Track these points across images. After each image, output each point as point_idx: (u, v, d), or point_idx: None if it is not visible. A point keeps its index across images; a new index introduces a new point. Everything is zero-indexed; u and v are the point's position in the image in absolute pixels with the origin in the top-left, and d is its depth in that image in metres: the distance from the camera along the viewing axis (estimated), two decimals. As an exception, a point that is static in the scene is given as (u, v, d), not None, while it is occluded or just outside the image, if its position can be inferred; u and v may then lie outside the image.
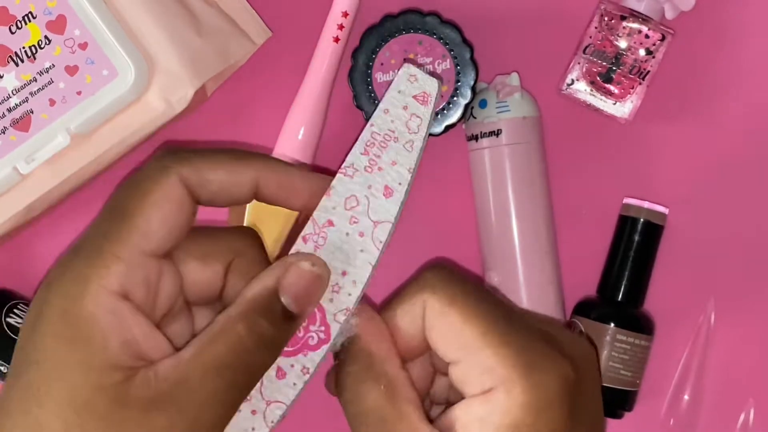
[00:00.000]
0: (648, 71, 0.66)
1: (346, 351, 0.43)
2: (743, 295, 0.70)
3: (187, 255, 0.44)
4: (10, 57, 0.63)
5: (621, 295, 0.68)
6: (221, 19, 0.67)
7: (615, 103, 0.67)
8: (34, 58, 0.63)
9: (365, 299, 0.44)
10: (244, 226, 0.47)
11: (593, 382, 0.44)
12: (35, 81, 0.63)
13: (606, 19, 0.66)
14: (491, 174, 0.67)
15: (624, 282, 0.68)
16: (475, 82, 0.66)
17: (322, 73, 0.67)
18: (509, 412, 0.40)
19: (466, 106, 0.67)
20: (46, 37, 0.63)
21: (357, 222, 0.44)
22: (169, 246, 0.42)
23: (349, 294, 0.43)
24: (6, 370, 0.65)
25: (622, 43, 0.66)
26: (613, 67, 0.67)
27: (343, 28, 0.67)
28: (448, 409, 0.42)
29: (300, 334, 0.43)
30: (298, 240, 0.44)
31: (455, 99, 0.66)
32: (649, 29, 0.66)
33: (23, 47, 0.63)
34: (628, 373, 0.66)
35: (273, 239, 0.63)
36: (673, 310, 0.70)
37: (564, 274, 0.69)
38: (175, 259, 0.43)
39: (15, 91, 0.63)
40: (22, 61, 0.63)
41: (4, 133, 0.64)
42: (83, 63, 0.63)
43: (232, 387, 0.40)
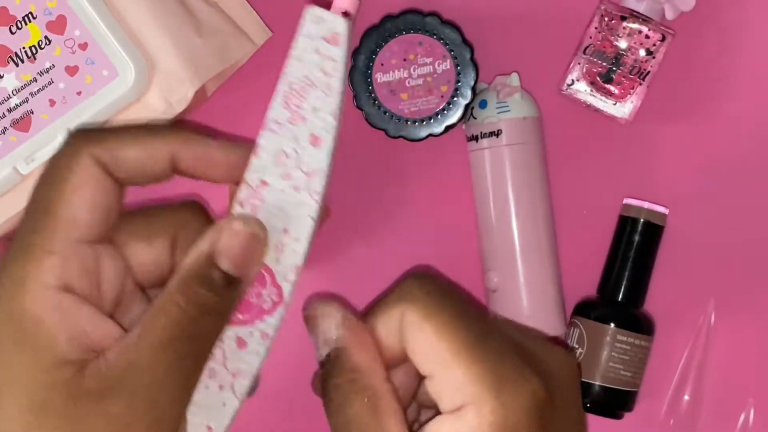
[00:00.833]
0: (648, 72, 0.66)
1: (332, 362, 0.43)
2: (743, 295, 0.70)
3: (129, 237, 0.43)
4: (10, 57, 0.63)
5: (621, 296, 0.68)
6: (221, 19, 0.67)
7: (615, 104, 0.67)
8: (35, 59, 0.63)
9: (351, 308, 0.44)
10: (187, 201, 0.45)
11: (570, 396, 0.43)
12: (35, 81, 0.63)
13: (606, 19, 0.66)
14: (491, 174, 0.67)
15: (624, 282, 0.68)
16: (476, 82, 0.66)
17: (322, 73, 0.67)
18: (479, 430, 0.40)
19: (467, 106, 0.67)
20: (46, 37, 0.63)
21: (290, 177, 0.42)
22: (101, 230, 0.41)
23: (294, 251, 0.42)
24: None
25: (623, 44, 0.66)
26: (614, 68, 0.67)
27: (343, 28, 0.67)
28: (422, 426, 0.42)
29: (253, 300, 0.42)
30: (235, 205, 0.43)
31: (455, 99, 0.66)
32: (649, 30, 0.66)
33: (23, 47, 0.63)
34: (628, 373, 0.66)
35: None
36: (674, 311, 0.70)
37: (564, 274, 0.69)
38: (117, 242, 0.42)
39: (15, 92, 0.63)
40: (23, 61, 0.63)
41: (4, 133, 0.64)
42: (83, 63, 0.63)
43: (182, 361, 0.39)
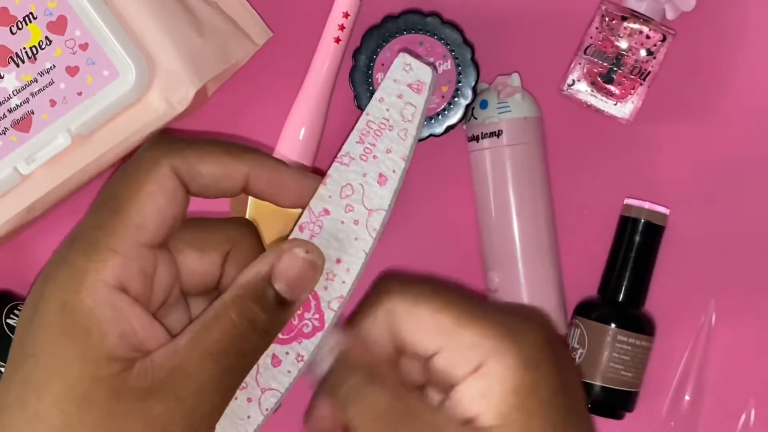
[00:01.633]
0: (649, 72, 0.66)
1: (338, 369, 0.43)
2: (744, 295, 0.70)
3: (184, 245, 0.44)
4: (11, 58, 0.63)
5: (622, 296, 0.68)
6: (222, 19, 0.67)
7: (616, 104, 0.67)
8: (35, 59, 0.63)
9: (339, 318, 0.44)
10: (241, 218, 0.47)
11: (560, 339, 0.46)
12: (36, 81, 0.63)
13: (607, 19, 0.66)
14: (492, 175, 0.67)
15: (625, 282, 0.68)
16: (476, 82, 0.66)
17: (322, 73, 0.67)
18: (507, 378, 0.42)
19: (467, 106, 0.67)
20: (46, 37, 0.63)
21: (352, 210, 0.44)
22: (164, 236, 0.42)
23: (343, 281, 0.43)
24: (7, 371, 0.65)
25: (623, 44, 0.66)
26: (614, 68, 0.67)
27: (344, 28, 0.67)
28: (447, 397, 0.43)
29: (295, 322, 0.43)
30: (295, 228, 0.44)
31: (456, 100, 0.66)
32: (649, 30, 0.66)
33: (24, 48, 0.63)
34: (628, 373, 0.66)
35: (274, 236, 0.63)
36: (674, 311, 0.70)
37: (565, 274, 0.69)
38: (172, 248, 0.43)
39: (16, 92, 0.63)
40: (23, 61, 0.63)
41: (4, 133, 0.64)
42: (84, 63, 0.63)
43: (227, 373, 0.40)
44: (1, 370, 0.66)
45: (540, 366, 0.42)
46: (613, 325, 0.66)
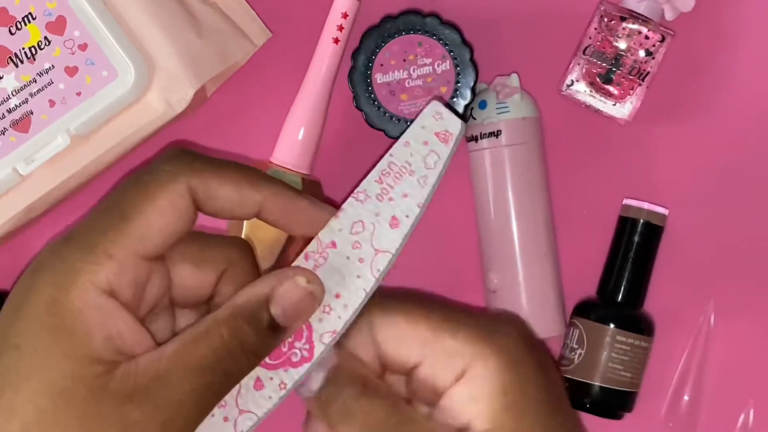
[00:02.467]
0: (648, 72, 0.66)
1: (333, 381, 0.43)
2: (743, 296, 0.70)
3: (181, 257, 0.44)
4: (10, 58, 0.63)
5: (621, 296, 0.68)
6: (221, 20, 0.67)
7: (615, 104, 0.67)
8: (34, 59, 0.63)
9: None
10: (240, 238, 0.47)
11: (538, 340, 0.46)
12: (35, 82, 0.63)
13: (606, 20, 0.66)
14: (491, 175, 0.67)
15: (624, 283, 0.68)
16: (475, 83, 0.66)
17: (321, 74, 0.67)
18: (494, 380, 0.42)
19: (466, 107, 0.67)
20: (45, 38, 0.63)
21: (359, 247, 0.44)
22: (164, 251, 0.42)
23: (339, 317, 0.43)
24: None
25: (622, 44, 0.66)
26: (613, 68, 0.67)
27: (342, 29, 0.67)
28: (435, 407, 0.43)
29: (284, 349, 0.43)
30: (300, 256, 0.44)
31: (455, 100, 0.66)
32: (648, 30, 0.66)
33: (23, 48, 0.63)
34: (627, 374, 0.66)
35: (265, 253, 0.63)
36: (673, 312, 0.70)
37: (564, 275, 0.69)
38: (168, 259, 0.43)
39: (15, 92, 0.63)
40: (22, 62, 0.63)
41: (3, 134, 0.64)
42: (83, 64, 0.63)
43: (208, 388, 0.40)
44: None
45: (523, 365, 0.43)
46: (612, 325, 0.66)
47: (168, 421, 0.39)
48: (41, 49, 0.63)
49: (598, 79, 0.67)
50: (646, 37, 0.66)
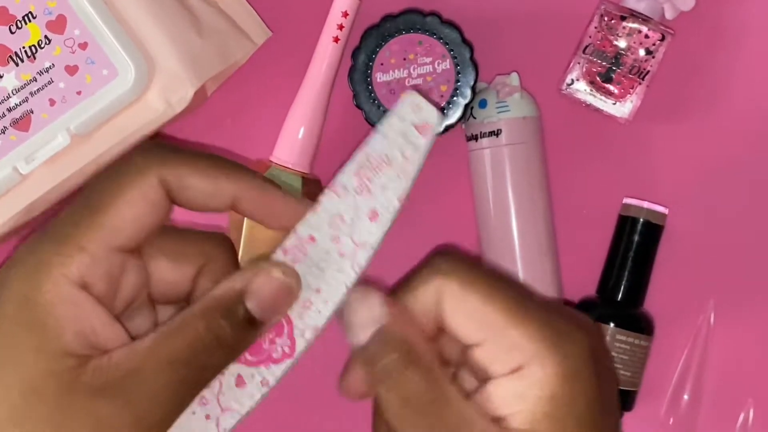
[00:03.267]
0: (648, 71, 0.67)
1: (380, 341, 0.42)
2: (743, 295, 0.70)
3: (159, 252, 0.44)
4: (10, 57, 0.63)
5: (621, 295, 0.68)
6: (221, 19, 0.67)
7: (615, 103, 0.67)
8: (34, 58, 0.63)
9: (379, 286, 0.44)
10: (220, 233, 0.47)
11: (605, 350, 0.45)
12: (35, 81, 0.63)
13: (606, 19, 0.66)
14: (491, 174, 0.67)
15: (624, 282, 0.68)
16: (475, 82, 0.66)
17: (322, 73, 0.67)
18: (546, 385, 0.41)
19: (466, 106, 0.67)
20: (46, 36, 0.63)
21: (339, 242, 0.43)
22: (138, 243, 0.42)
23: (320, 312, 0.43)
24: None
25: (622, 43, 0.66)
26: (613, 67, 0.67)
27: (343, 28, 0.67)
28: (480, 388, 0.42)
29: (265, 346, 0.42)
30: (278, 250, 0.43)
31: (455, 99, 0.66)
32: (648, 29, 0.66)
33: (23, 47, 0.63)
34: (627, 373, 0.66)
35: (264, 247, 0.63)
36: (673, 311, 0.70)
37: (564, 274, 0.69)
38: (146, 255, 0.43)
39: (15, 91, 0.63)
40: (22, 60, 0.63)
41: (4, 132, 0.64)
42: (83, 63, 0.63)
43: (184, 383, 0.40)
44: None
45: (581, 379, 0.41)
46: (611, 324, 0.66)
47: (141, 416, 0.39)
48: (41, 47, 0.63)
49: (598, 78, 0.67)
50: (647, 36, 0.66)
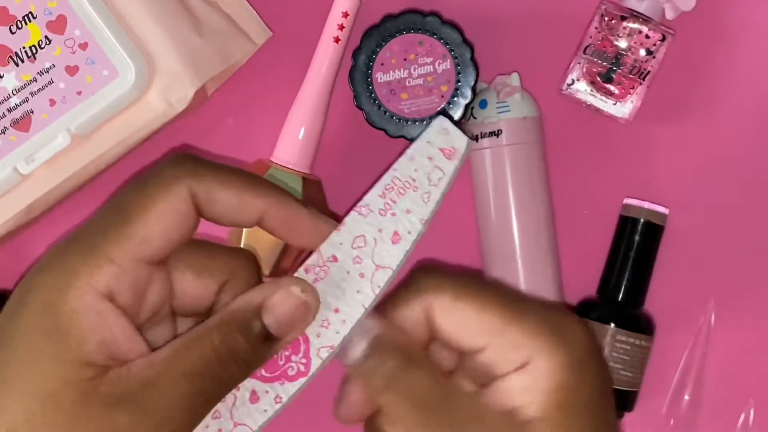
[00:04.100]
0: (648, 71, 0.67)
1: (377, 351, 0.42)
2: (743, 295, 0.70)
3: (184, 265, 0.44)
4: (11, 57, 0.63)
5: (621, 296, 0.68)
6: (221, 19, 0.67)
7: (615, 104, 0.67)
8: (35, 58, 0.63)
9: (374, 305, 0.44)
10: (244, 250, 0.47)
11: (598, 344, 0.46)
12: (35, 81, 0.63)
13: (606, 19, 0.66)
14: (491, 174, 0.67)
15: (624, 282, 0.68)
16: (476, 82, 0.66)
17: (322, 73, 0.67)
18: (554, 375, 0.41)
19: (467, 106, 0.67)
20: (46, 37, 0.63)
21: (360, 262, 0.43)
22: (165, 255, 0.42)
23: (337, 332, 0.43)
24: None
25: (623, 44, 0.66)
26: (614, 68, 0.67)
27: (343, 28, 0.67)
28: (486, 386, 0.43)
29: (281, 362, 0.42)
30: (300, 269, 0.44)
31: (455, 99, 0.66)
32: (649, 29, 0.66)
33: (23, 47, 0.63)
34: (628, 373, 0.66)
35: (264, 260, 0.63)
36: (674, 311, 0.70)
37: (564, 274, 0.69)
38: (171, 267, 0.43)
39: (15, 91, 0.63)
40: (23, 61, 0.63)
41: (4, 133, 0.64)
42: (83, 63, 0.63)
43: (199, 396, 0.40)
44: None
45: (584, 366, 0.42)
46: (612, 324, 0.66)
47: (156, 427, 0.39)
48: (42, 48, 0.63)
49: (598, 79, 0.67)
50: (647, 37, 0.66)
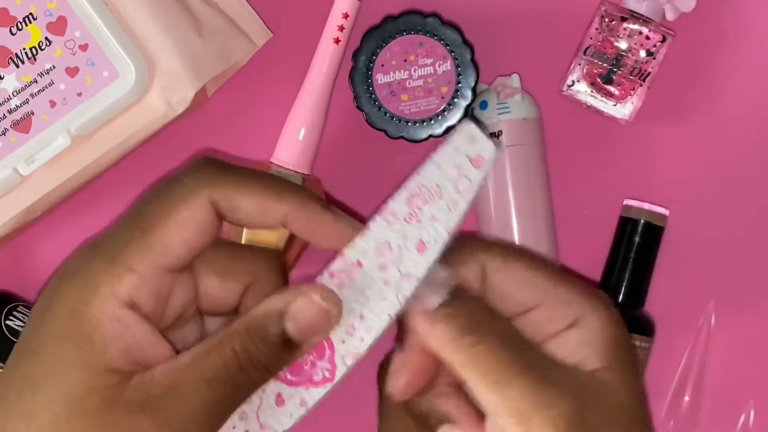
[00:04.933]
0: (648, 72, 0.67)
1: (460, 296, 0.43)
2: (743, 296, 0.70)
3: (208, 268, 0.44)
4: (11, 58, 0.63)
5: (621, 297, 0.68)
6: (222, 20, 0.67)
7: (615, 105, 0.67)
8: (35, 60, 0.63)
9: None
10: (270, 251, 0.47)
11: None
12: (36, 82, 0.63)
13: (606, 20, 0.66)
14: (492, 175, 0.67)
15: (624, 283, 0.68)
16: (476, 83, 0.66)
17: (322, 74, 0.67)
18: (605, 330, 0.43)
19: (467, 107, 0.67)
20: (46, 38, 0.63)
21: (385, 270, 0.43)
22: (186, 263, 0.42)
23: (362, 339, 0.42)
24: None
25: (623, 45, 0.66)
26: (614, 69, 0.67)
27: (343, 29, 0.67)
28: (542, 344, 0.44)
29: (306, 367, 0.42)
30: (325, 273, 0.43)
31: (456, 100, 0.66)
32: (649, 30, 0.66)
33: (24, 49, 0.63)
34: (628, 374, 0.66)
35: (268, 246, 0.63)
36: (674, 312, 0.70)
37: (564, 275, 0.69)
38: (194, 269, 0.43)
39: (15, 93, 0.63)
40: (23, 62, 0.63)
41: (4, 134, 0.64)
42: (84, 64, 0.63)
43: (220, 401, 0.40)
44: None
45: (622, 326, 0.44)
46: (612, 325, 0.66)
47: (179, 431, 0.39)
48: (42, 49, 0.63)
49: (599, 80, 0.67)
50: (647, 38, 0.66)
